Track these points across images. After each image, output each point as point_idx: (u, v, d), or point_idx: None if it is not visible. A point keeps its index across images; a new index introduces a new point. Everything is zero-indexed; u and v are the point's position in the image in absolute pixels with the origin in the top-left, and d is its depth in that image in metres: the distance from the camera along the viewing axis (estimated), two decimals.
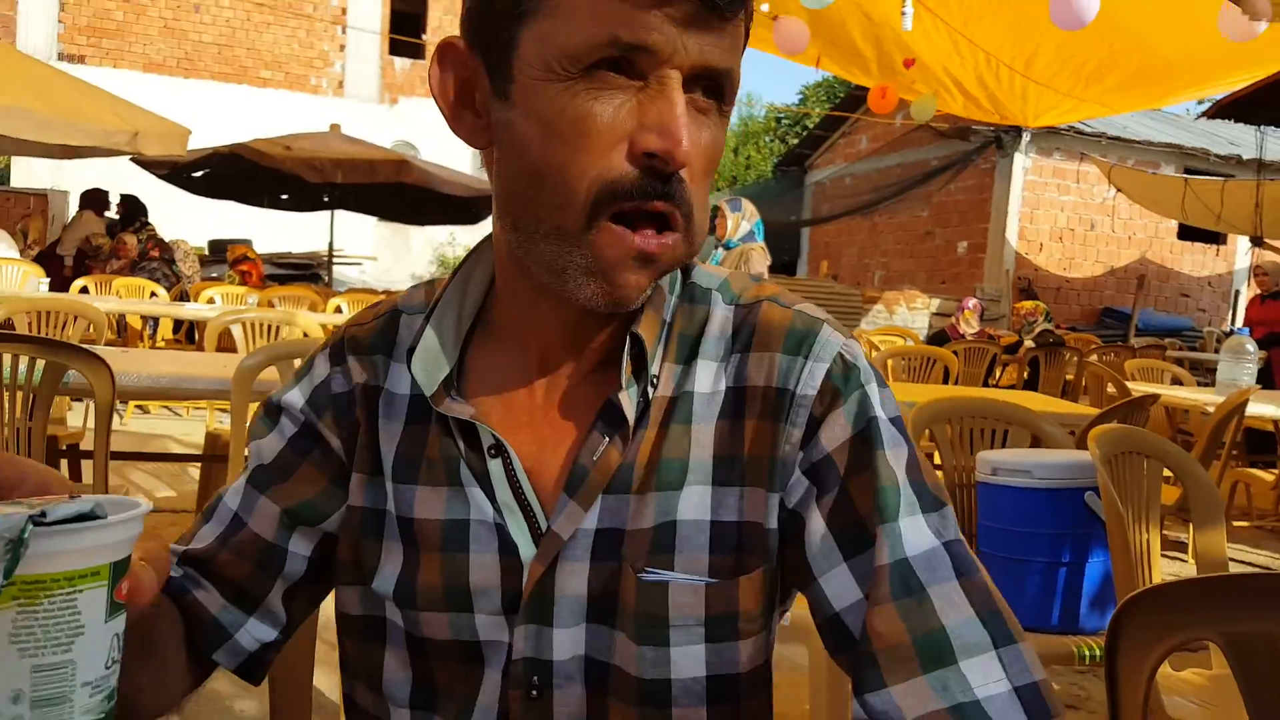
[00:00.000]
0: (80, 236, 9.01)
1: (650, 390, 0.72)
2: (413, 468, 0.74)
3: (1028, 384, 6.91)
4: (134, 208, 9.28)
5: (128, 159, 9.09)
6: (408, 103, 16.77)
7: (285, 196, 12.09)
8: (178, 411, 6.69)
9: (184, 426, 6.23)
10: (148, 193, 10.06)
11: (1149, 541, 1.75)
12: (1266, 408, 4.18)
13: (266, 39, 15.94)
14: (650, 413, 0.71)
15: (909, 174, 14.41)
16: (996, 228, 13.81)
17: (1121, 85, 8.39)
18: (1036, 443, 2.25)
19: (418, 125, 16.21)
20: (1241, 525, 4.93)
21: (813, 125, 20.05)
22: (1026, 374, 7.06)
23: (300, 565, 0.78)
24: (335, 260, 13.16)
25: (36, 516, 0.45)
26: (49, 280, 6.84)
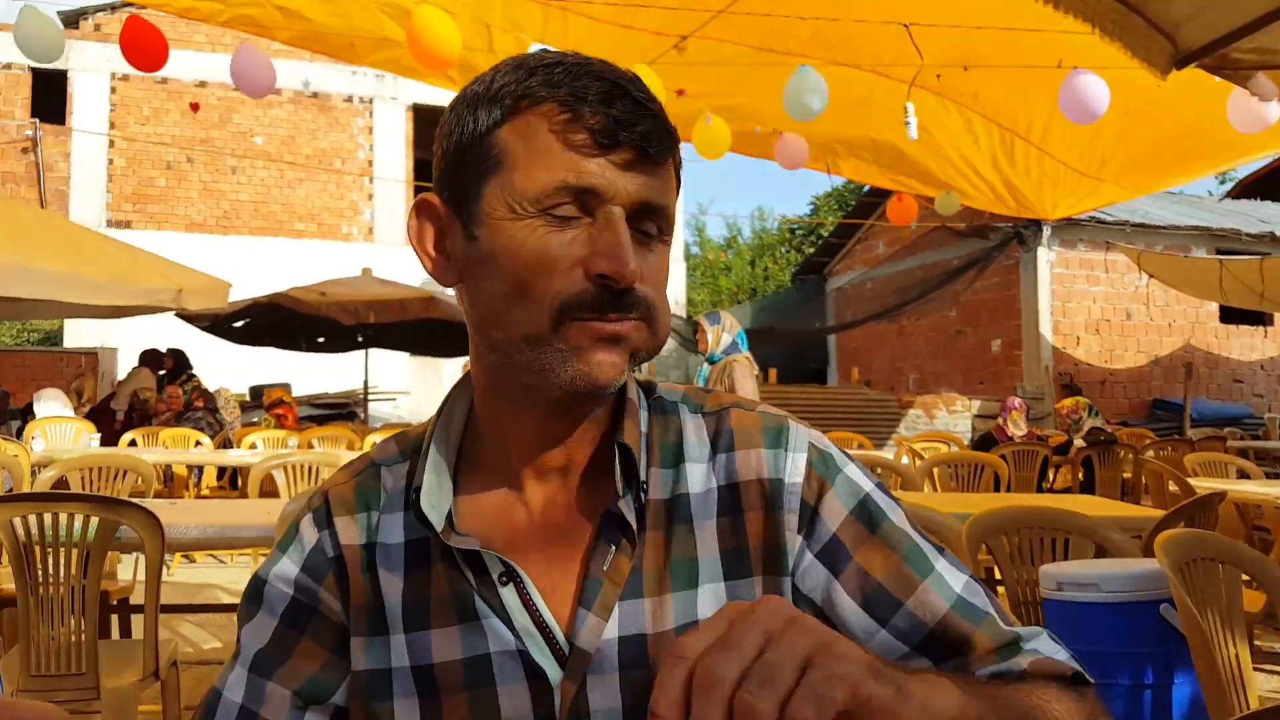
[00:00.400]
0: (131, 391, 9.25)
1: (643, 495, 0.76)
2: (422, 613, 0.75)
3: (1084, 486, 6.62)
4: (181, 362, 9.58)
5: (172, 314, 9.40)
6: None
7: (322, 339, 12.41)
8: (222, 559, 6.69)
9: (229, 574, 6.22)
10: (191, 344, 10.35)
11: (1238, 656, 1.64)
12: None
13: (300, 194, 16.65)
14: (648, 517, 0.75)
15: (931, 275, 14.40)
16: (1029, 323, 13.70)
17: (1138, 161, 8.22)
18: (1101, 552, 2.16)
19: None
20: None
21: (827, 233, 20.30)
22: (1081, 475, 6.82)
23: None
24: (370, 397, 13.36)
25: None
26: (100, 435, 6.98)
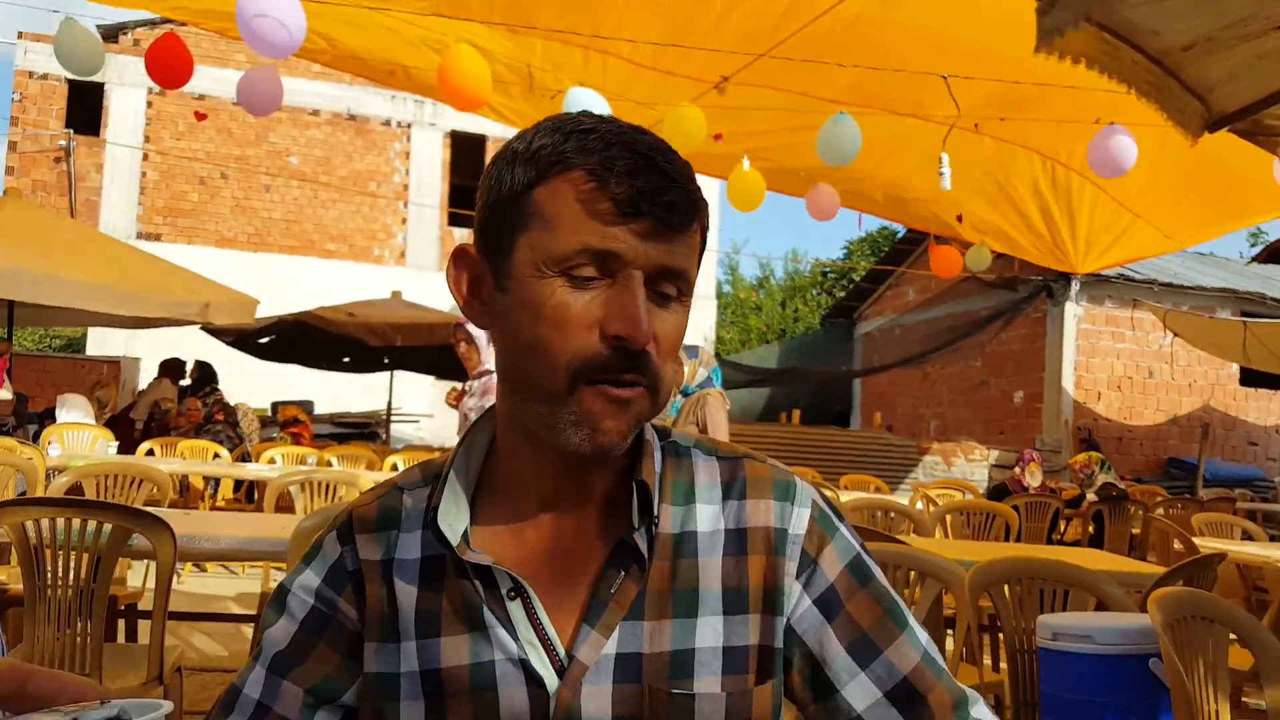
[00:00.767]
0: (152, 401, 9.34)
1: (653, 528, 0.82)
2: (434, 621, 0.81)
3: (1093, 539, 6.63)
4: (205, 374, 9.65)
5: (198, 327, 9.52)
6: None
7: (347, 359, 12.51)
8: (234, 570, 6.74)
9: (240, 585, 6.26)
10: (216, 357, 10.47)
11: (1218, 712, 1.65)
12: None
13: (332, 214, 16.72)
14: (656, 548, 0.82)
15: (958, 324, 14.40)
16: (1052, 377, 13.65)
17: (1180, 200, 7.85)
18: (1100, 606, 2.18)
19: None
20: None
21: (859, 278, 20.30)
22: (1092, 529, 6.81)
23: None
24: (393, 418, 13.45)
25: None
26: (118, 443, 7.07)
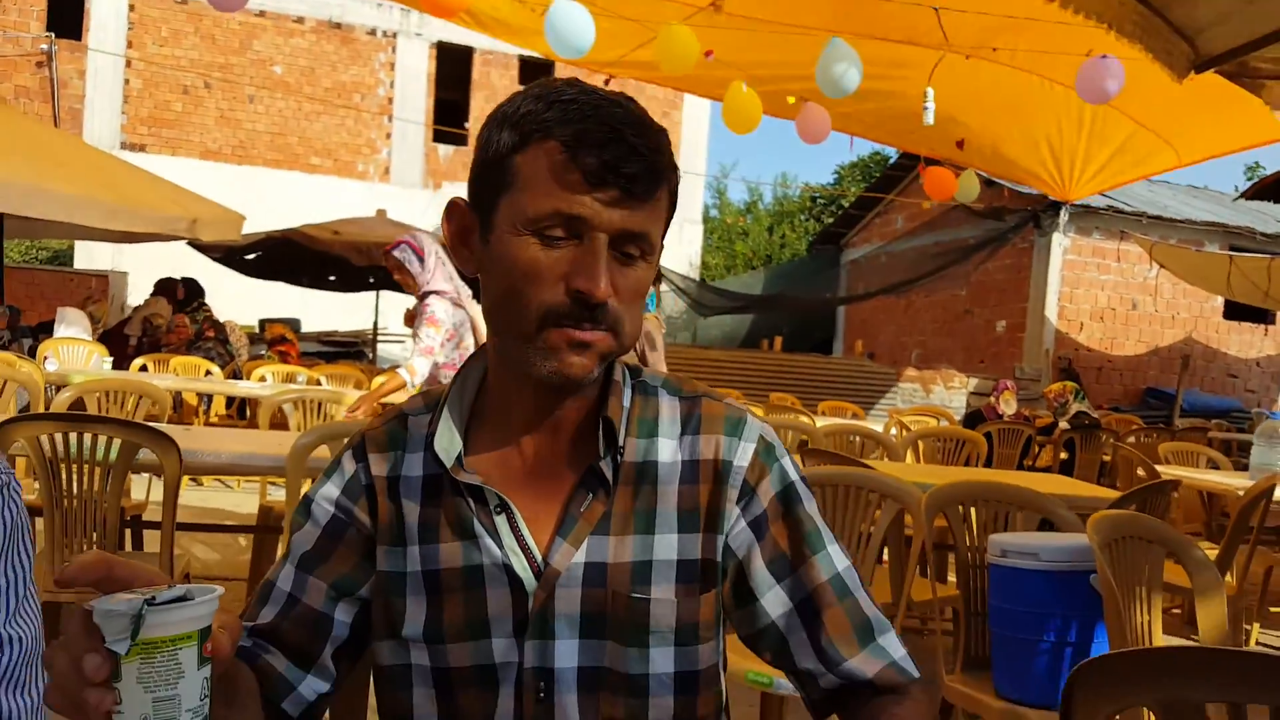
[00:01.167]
0: (144, 317, 9.39)
1: (618, 457, 0.95)
2: (434, 530, 0.96)
3: (1065, 467, 6.80)
4: (193, 290, 9.69)
5: (184, 243, 9.51)
6: (451, 188, 17.18)
7: (333, 278, 12.52)
8: (229, 484, 6.90)
9: (235, 498, 6.42)
10: (202, 273, 10.49)
11: (1149, 623, 1.82)
12: None
13: (317, 128, 16.52)
14: (621, 475, 0.95)
15: (945, 252, 14.45)
16: (1035, 307, 13.78)
17: (1185, 105, 7.11)
18: (1048, 526, 2.33)
19: None
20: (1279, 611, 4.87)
21: (848, 205, 20.25)
22: (1065, 456, 7.00)
23: (345, 630, 0.98)
24: (379, 338, 13.53)
25: (149, 600, 0.65)
26: (112, 359, 7.15)
